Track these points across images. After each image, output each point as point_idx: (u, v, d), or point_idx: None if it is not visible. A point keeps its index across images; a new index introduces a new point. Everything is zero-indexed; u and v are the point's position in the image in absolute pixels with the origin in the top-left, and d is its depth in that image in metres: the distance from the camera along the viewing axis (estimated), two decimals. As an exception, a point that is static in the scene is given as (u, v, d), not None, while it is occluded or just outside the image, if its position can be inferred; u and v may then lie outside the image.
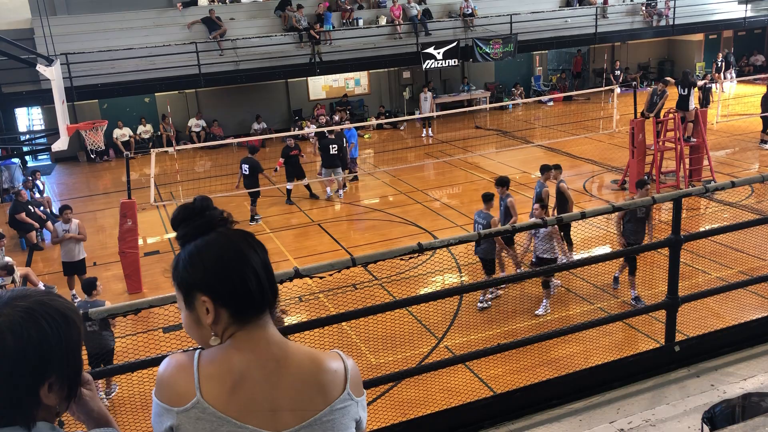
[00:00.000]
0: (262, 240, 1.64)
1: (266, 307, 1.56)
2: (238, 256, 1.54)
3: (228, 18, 20.69)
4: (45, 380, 1.34)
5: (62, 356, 1.36)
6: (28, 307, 1.33)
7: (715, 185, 5.19)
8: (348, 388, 1.55)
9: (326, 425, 1.50)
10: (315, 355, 1.57)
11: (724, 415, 3.43)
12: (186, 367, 1.50)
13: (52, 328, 1.34)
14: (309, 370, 1.53)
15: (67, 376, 1.38)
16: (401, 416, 5.41)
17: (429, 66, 21.98)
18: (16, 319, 1.31)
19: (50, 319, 1.34)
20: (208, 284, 1.53)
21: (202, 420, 1.46)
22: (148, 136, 21.88)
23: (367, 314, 4.23)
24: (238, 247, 1.56)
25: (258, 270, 1.55)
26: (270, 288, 1.58)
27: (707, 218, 12.71)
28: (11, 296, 1.35)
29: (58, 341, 1.34)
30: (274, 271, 1.63)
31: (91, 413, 1.54)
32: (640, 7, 25.17)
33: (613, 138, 18.56)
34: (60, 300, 1.40)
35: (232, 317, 1.53)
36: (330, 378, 1.54)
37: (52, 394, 1.35)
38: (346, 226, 13.86)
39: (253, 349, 1.51)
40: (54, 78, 10.71)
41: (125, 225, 10.88)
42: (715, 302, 8.05)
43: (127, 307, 3.32)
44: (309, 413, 1.49)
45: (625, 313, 7.46)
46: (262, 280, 1.55)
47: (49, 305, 1.36)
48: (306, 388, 1.50)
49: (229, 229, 1.60)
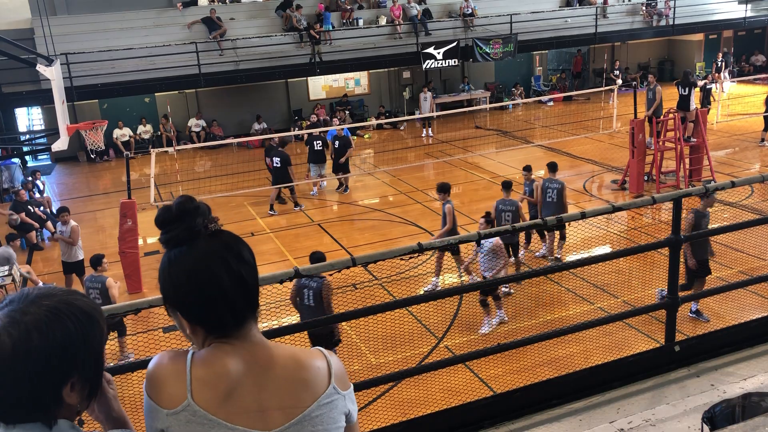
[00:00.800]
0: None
1: (243, 322, 1.53)
2: (208, 276, 1.48)
3: (228, 18, 20.69)
4: (68, 380, 1.34)
5: (86, 356, 1.36)
6: (53, 306, 1.34)
7: (715, 185, 5.18)
8: (333, 382, 1.55)
9: (315, 420, 1.51)
10: (298, 353, 1.58)
11: (724, 415, 3.43)
12: (178, 369, 1.49)
13: (77, 328, 1.34)
14: (293, 369, 1.53)
15: (90, 375, 1.39)
16: (401, 416, 5.41)
17: (429, 66, 21.98)
18: (42, 318, 1.31)
19: (75, 318, 1.35)
20: (178, 302, 1.53)
21: (192, 423, 1.45)
22: (148, 137, 21.88)
23: (367, 314, 4.22)
24: (210, 264, 1.49)
25: (229, 290, 1.49)
26: (248, 302, 1.54)
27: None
28: (37, 295, 1.36)
29: (82, 341, 1.35)
30: (258, 280, 1.58)
31: (110, 413, 1.55)
32: (640, 7, 25.17)
33: (613, 138, 18.57)
34: (84, 299, 1.41)
35: (208, 333, 1.53)
36: (314, 374, 1.54)
37: (74, 393, 1.36)
38: (346, 226, 13.86)
39: (241, 353, 1.51)
40: (54, 78, 10.70)
41: (125, 225, 10.88)
42: (715, 302, 8.06)
43: (127, 307, 3.32)
44: (298, 410, 1.50)
45: (625, 313, 7.44)
46: (235, 300, 1.50)
47: (74, 305, 1.37)
48: (292, 387, 1.51)
49: (207, 240, 1.51)
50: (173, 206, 1.53)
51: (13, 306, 1.34)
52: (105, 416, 1.55)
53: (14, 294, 1.39)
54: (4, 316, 1.32)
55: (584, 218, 4.51)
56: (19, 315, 1.31)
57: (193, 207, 1.52)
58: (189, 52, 18.94)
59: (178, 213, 1.52)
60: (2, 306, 1.35)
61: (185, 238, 1.51)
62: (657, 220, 12.86)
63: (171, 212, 1.52)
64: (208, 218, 1.53)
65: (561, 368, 7.21)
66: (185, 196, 1.56)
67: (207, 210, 1.56)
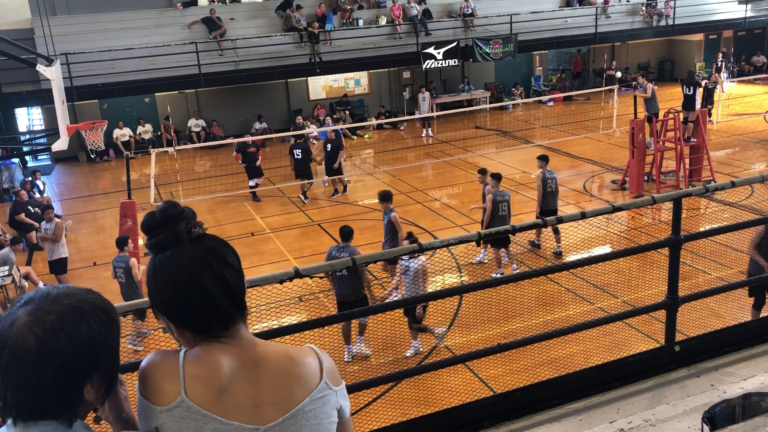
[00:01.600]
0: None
1: (230, 325, 1.55)
2: (193, 280, 1.49)
3: (228, 18, 20.69)
4: (90, 378, 1.36)
5: (106, 354, 1.38)
6: (76, 305, 1.35)
7: (715, 185, 5.18)
8: (325, 378, 1.57)
9: (308, 415, 1.52)
10: (289, 350, 1.60)
11: (724, 415, 3.43)
12: (171, 367, 1.50)
13: (99, 327, 1.36)
14: (285, 365, 1.55)
15: (108, 373, 1.41)
16: (401, 416, 5.42)
17: (429, 66, 21.98)
18: (67, 318, 1.32)
19: (97, 317, 1.36)
20: (164, 307, 1.54)
21: (186, 419, 1.46)
22: (148, 137, 21.89)
23: (367, 314, 4.22)
24: (193, 269, 1.50)
25: (213, 295, 1.51)
26: (234, 305, 1.55)
27: (707, 218, 12.71)
28: (57, 294, 1.37)
29: (104, 340, 1.37)
30: (244, 283, 1.59)
31: (121, 414, 1.56)
32: (640, 7, 25.17)
33: (613, 138, 18.57)
34: (102, 298, 1.43)
35: (196, 335, 1.55)
36: (306, 370, 1.56)
37: (93, 390, 1.38)
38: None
39: (232, 350, 1.53)
40: (54, 78, 10.70)
41: (125, 225, 10.89)
42: (715, 302, 8.06)
43: (127, 307, 3.32)
44: (291, 405, 1.51)
45: (625, 313, 7.44)
46: (219, 304, 1.52)
47: (95, 303, 1.38)
48: (285, 382, 1.53)
49: (190, 245, 1.52)
50: (157, 212, 1.54)
51: (35, 305, 1.34)
52: (115, 417, 1.56)
53: (32, 293, 1.39)
54: (27, 315, 1.32)
55: (584, 218, 4.51)
56: (43, 314, 1.32)
57: (176, 212, 1.54)
58: (189, 52, 18.94)
59: (161, 218, 1.53)
60: (21, 305, 1.35)
61: (169, 244, 1.52)
62: (657, 220, 12.86)
63: (155, 218, 1.54)
64: (192, 223, 1.54)
65: (561, 368, 7.21)
66: (169, 201, 1.58)
67: (191, 214, 1.56)
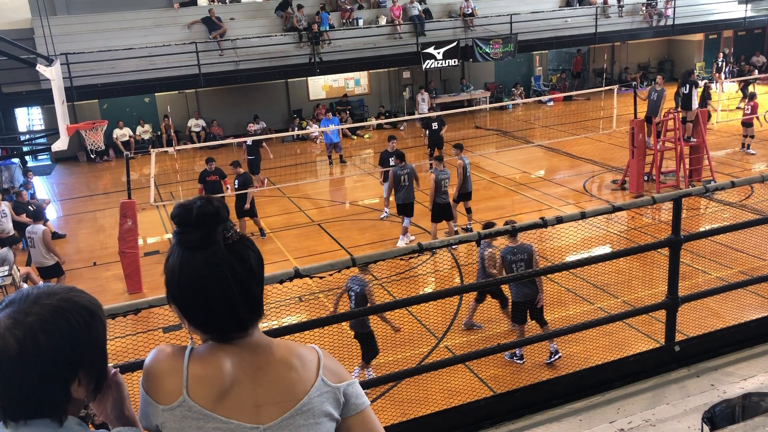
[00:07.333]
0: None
1: (244, 328, 1.53)
2: (219, 288, 1.46)
3: (228, 18, 20.68)
4: (76, 376, 1.37)
5: (91, 351, 1.39)
6: (56, 305, 1.35)
7: (715, 185, 5.18)
8: (321, 375, 1.57)
9: (307, 414, 1.53)
10: (293, 348, 1.60)
11: (724, 415, 3.43)
12: (175, 365, 1.50)
13: (80, 325, 1.36)
14: (288, 365, 1.55)
15: (95, 370, 1.42)
16: (401, 416, 5.41)
17: (429, 66, 21.97)
18: (46, 318, 1.32)
19: (78, 315, 1.36)
20: (183, 306, 1.51)
21: (188, 418, 1.47)
22: (148, 137, 21.88)
23: (368, 314, 4.22)
24: (222, 276, 1.46)
25: (236, 303, 1.48)
26: (253, 313, 1.53)
27: (707, 218, 12.71)
28: (38, 294, 1.37)
29: (86, 337, 1.37)
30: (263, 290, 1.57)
31: (123, 413, 1.58)
32: (640, 7, 25.17)
33: (613, 138, 18.56)
34: (85, 295, 1.42)
35: (205, 333, 1.54)
36: (306, 369, 1.57)
37: (81, 388, 1.39)
38: (346, 226, 13.85)
39: (239, 352, 1.52)
40: (54, 78, 10.70)
41: (125, 225, 10.88)
42: (715, 302, 8.05)
43: (127, 307, 3.32)
44: (291, 403, 1.52)
45: (625, 313, 7.44)
46: (240, 312, 1.50)
47: (75, 302, 1.38)
48: (287, 381, 1.53)
49: (221, 249, 1.47)
50: (194, 209, 1.47)
51: (15, 307, 1.34)
52: (116, 416, 1.57)
53: (13, 295, 1.39)
54: (6, 318, 1.32)
55: (584, 218, 4.51)
56: (22, 316, 1.32)
57: (213, 211, 1.48)
58: (189, 52, 18.94)
59: (198, 217, 1.47)
60: (2, 308, 1.35)
61: (200, 245, 1.47)
62: (657, 220, 12.86)
63: (191, 215, 1.47)
64: (227, 227, 1.50)
65: (561, 368, 7.21)
66: (204, 197, 1.51)
67: (227, 215, 1.52)
